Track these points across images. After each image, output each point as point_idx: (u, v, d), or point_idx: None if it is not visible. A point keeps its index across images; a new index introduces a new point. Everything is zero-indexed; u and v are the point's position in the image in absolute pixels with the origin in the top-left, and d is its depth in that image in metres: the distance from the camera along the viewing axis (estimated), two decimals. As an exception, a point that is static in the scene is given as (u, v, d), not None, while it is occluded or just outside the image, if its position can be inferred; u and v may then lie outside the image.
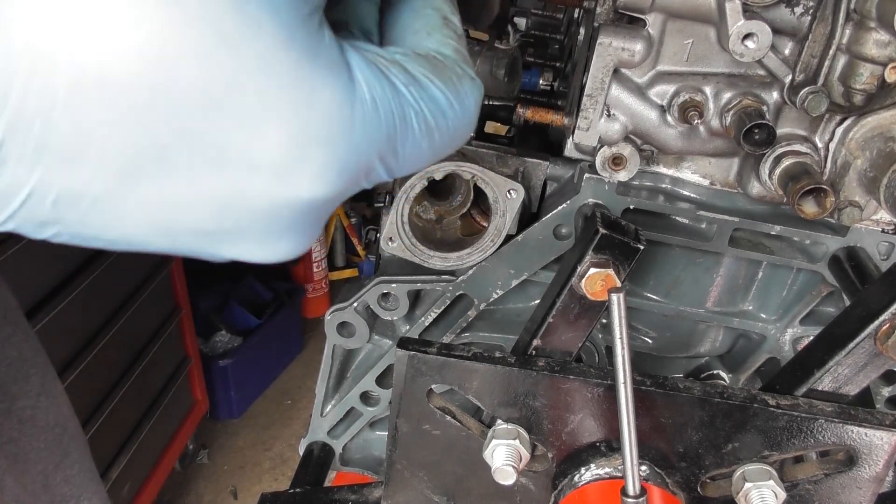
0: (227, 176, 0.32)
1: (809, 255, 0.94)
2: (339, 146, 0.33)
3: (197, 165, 0.31)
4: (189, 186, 0.32)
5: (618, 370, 0.69)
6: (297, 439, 1.26)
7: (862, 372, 0.77)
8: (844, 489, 0.79)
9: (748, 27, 0.75)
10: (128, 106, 0.29)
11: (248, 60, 0.30)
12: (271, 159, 0.32)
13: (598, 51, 0.83)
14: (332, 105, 0.33)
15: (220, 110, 0.30)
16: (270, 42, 0.30)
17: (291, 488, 1.08)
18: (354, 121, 0.34)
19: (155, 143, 0.30)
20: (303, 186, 0.33)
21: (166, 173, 0.31)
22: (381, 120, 0.35)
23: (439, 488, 0.86)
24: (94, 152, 0.29)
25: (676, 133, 0.87)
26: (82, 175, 0.30)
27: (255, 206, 0.33)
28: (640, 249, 0.75)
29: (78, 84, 0.28)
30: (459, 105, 0.39)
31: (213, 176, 0.32)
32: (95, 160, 0.30)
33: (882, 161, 0.82)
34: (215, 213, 0.33)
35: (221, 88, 0.30)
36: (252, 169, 0.32)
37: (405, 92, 0.36)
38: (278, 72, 0.31)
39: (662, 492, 0.78)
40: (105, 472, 2.34)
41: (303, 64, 0.31)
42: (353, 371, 1.16)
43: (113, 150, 0.30)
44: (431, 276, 1.00)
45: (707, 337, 1.10)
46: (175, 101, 0.29)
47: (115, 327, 2.28)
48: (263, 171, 0.32)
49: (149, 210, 0.32)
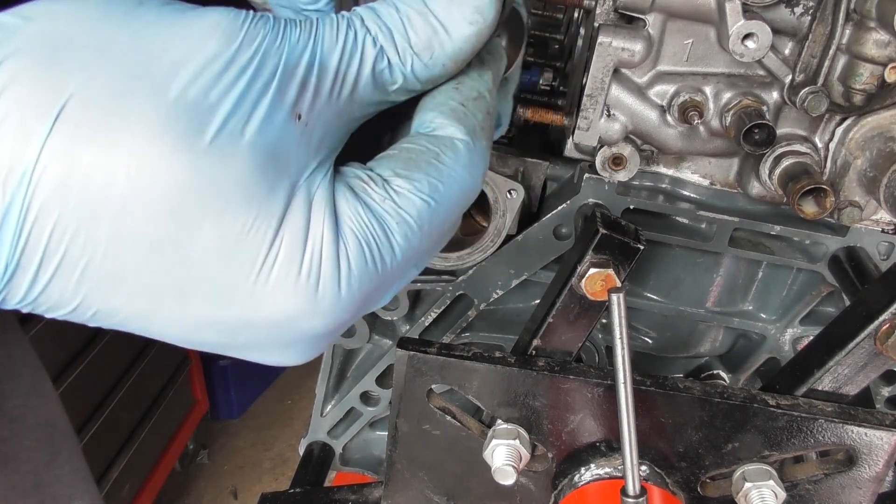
0: (236, 309, 0.38)
1: (809, 255, 0.94)
2: (330, 287, 0.39)
3: (210, 301, 0.38)
4: (204, 314, 0.38)
5: (618, 370, 0.69)
6: (297, 439, 1.26)
7: (862, 372, 0.77)
8: (844, 489, 0.79)
9: (748, 27, 0.75)
10: (153, 254, 0.36)
11: (253, 219, 0.37)
12: (275, 300, 0.38)
13: (598, 51, 0.83)
14: (322, 253, 0.38)
15: (230, 260, 0.37)
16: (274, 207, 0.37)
17: (291, 488, 1.08)
18: (341, 262, 0.39)
19: (175, 283, 0.37)
20: (301, 322, 0.39)
21: (186, 304, 0.38)
22: (364, 250, 0.40)
23: (439, 488, 0.86)
24: (126, 287, 0.36)
25: (676, 133, 0.87)
26: (115, 302, 0.37)
27: (263, 331, 0.40)
28: (640, 249, 0.75)
29: (114, 236, 0.35)
30: (446, 184, 0.42)
31: (225, 308, 0.38)
32: (125, 294, 0.37)
33: (882, 161, 0.82)
34: (227, 334, 0.40)
35: (231, 242, 0.36)
36: (258, 308, 0.38)
37: (382, 211, 0.41)
38: (279, 233, 0.37)
39: (662, 492, 0.78)
40: (105, 472, 2.33)
41: (299, 223, 0.38)
42: (353, 371, 1.16)
43: (141, 286, 0.37)
44: (431, 276, 1.00)
45: (707, 337, 1.10)
46: (191, 252, 0.36)
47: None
48: (266, 307, 0.38)
49: (172, 326, 0.39)
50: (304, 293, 0.38)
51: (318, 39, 0.39)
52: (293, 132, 0.38)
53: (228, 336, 0.40)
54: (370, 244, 0.40)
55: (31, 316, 0.82)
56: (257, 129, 0.36)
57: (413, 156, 0.43)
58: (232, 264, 0.37)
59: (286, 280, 0.38)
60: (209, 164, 0.35)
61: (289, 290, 0.38)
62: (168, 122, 0.34)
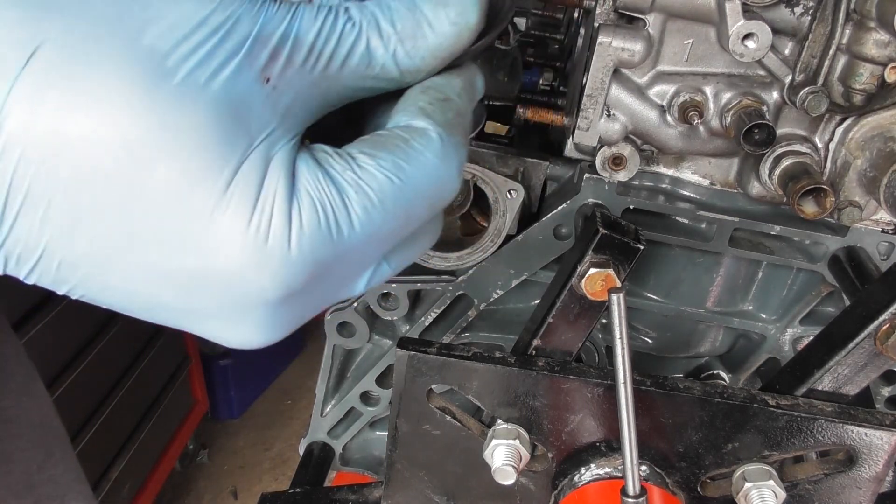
0: (190, 259, 0.39)
1: (809, 255, 0.94)
2: (279, 244, 0.39)
3: (165, 247, 0.38)
4: (158, 264, 0.39)
5: (618, 370, 0.69)
6: (297, 439, 1.26)
7: (862, 372, 0.77)
8: (844, 489, 0.79)
9: (748, 27, 0.75)
10: (111, 194, 0.36)
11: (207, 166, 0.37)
12: (225, 250, 0.38)
13: (598, 51, 0.83)
14: (273, 208, 0.39)
15: (182, 204, 0.37)
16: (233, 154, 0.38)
17: (291, 488, 1.08)
18: (293, 220, 0.39)
19: (130, 226, 0.37)
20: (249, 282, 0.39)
21: (141, 253, 0.38)
22: (318, 213, 0.40)
23: (439, 488, 0.86)
24: (85, 229, 0.37)
25: (676, 133, 0.87)
26: (77, 246, 0.38)
27: (215, 292, 0.40)
28: (640, 249, 0.75)
29: (75, 174, 0.36)
30: (411, 165, 0.43)
31: (178, 258, 0.39)
32: (86, 236, 0.37)
33: (882, 161, 0.82)
34: (182, 291, 0.40)
35: (185, 186, 0.37)
36: (209, 257, 0.38)
37: (341, 179, 0.41)
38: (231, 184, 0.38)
39: (662, 492, 0.78)
40: (105, 472, 2.33)
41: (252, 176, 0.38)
42: (353, 371, 1.16)
43: (99, 229, 0.37)
44: (431, 276, 1.00)
45: (707, 337, 1.10)
46: (146, 194, 0.37)
47: (116, 327, 2.28)
48: (218, 260, 0.38)
49: (130, 282, 0.39)
50: (253, 245, 0.39)
51: (296, 17, 0.40)
52: (259, 93, 0.39)
53: (182, 295, 0.40)
54: (325, 207, 0.40)
55: (30, 317, 0.81)
56: (222, 83, 0.38)
57: (381, 139, 0.44)
58: (184, 209, 0.37)
59: (236, 229, 0.38)
60: (169, 106, 0.36)
61: (237, 240, 0.38)
62: (133, 66, 0.35)
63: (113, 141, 0.36)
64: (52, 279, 0.39)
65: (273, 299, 0.41)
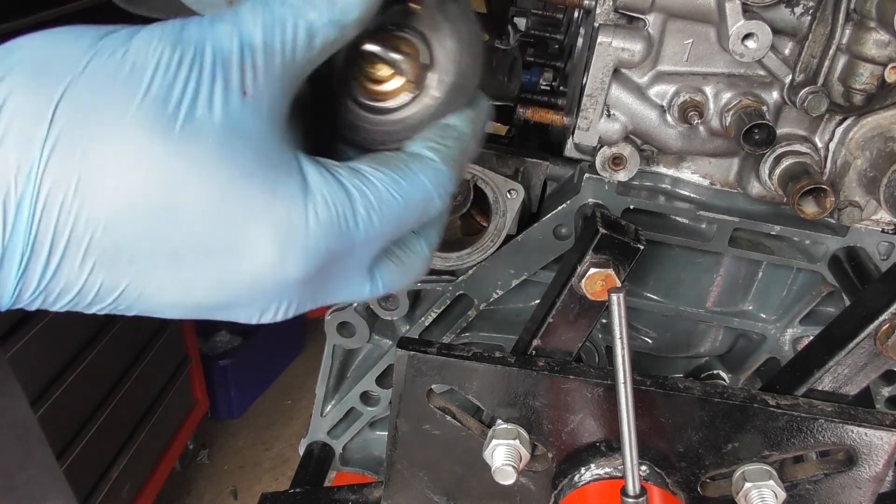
0: (222, 266, 0.44)
1: (809, 255, 0.94)
2: (301, 231, 0.45)
3: (200, 260, 0.44)
4: (195, 272, 0.44)
5: (618, 370, 0.69)
6: (297, 439, 1.26)
7: (862, 372, 0.77)
8: (844, 489, 0.79)
9: (748, 27, 0.75)
10: (148, 221, 0.42)
11: (227, 184, 0.43)
12: (256, 251, 0.44)
13: (598, 51, 0.83)
14: (293, 204, 0.45)
15: (212, 221, 0.43)
16: (244, 171, 0.43)
17: (291, 488, 1.08)
18: (309, 213, 0.45)
19: (169, 247, 0.43)
20: (276, 268, 0.45)
21: (178, 268, 0.44)
22: (329, 207, 0.46)
23: (439, 488, 0.86)
24: (125, 258, 0.42)
25: (676, 133, 0.87)
26: (117, 274, 0.43)
27: (243, 285, 0.46)
28: (640, 249, 0.75)
29: (114, 213, 0.41)
30: (408, 182, 0.50)
31: (212, 267, 0.44)
32: (126, 263, 0.42)
33: (882, 161, 0.82)
34: (215, 293, 0.46)
35: (212, 206, 0.43)
36: (243, 259, 0.44)
37: (347, 183, 0.47)
38: (252, 191, 0.44)
39: (662, 492, 0.78)
40: (105, 472, 2.33)
41: (270, 179, 0.44)
42: (353, 371, 1.16)
43: (139, 255, 0.42)
44: (431, 276, 1.00)
45: (707, 337, 1.10)
46: (180, 219, 0.42)
47: (116, 327, 2.28)
48: (245, 260, 0.44)
49: (165, 292, 0.45)
50: (280, 241, 0.45)
51: (239, 23, 0.44)
52: (246, 107, 0.44)
53: (216, 293, 0.46)
54: (335, 205, 0.46)
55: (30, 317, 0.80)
56: (215, 111, 0.43)
57: (386, 158, 0.51)
58: (215, 222, 0.43)
59: (263, 232, 0.44)
60: (183, 145, 0.41)
61: (266, 240, 0.44)
62: (141, 117, 0.41)
63: (142, 181, 0.41)
64: (86, 304, 0.44)
65: (293, 283, 0.47)
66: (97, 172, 0.40)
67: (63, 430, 2.11)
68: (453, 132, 0.54)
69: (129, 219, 0.41)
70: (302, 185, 0.46)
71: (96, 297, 0.43)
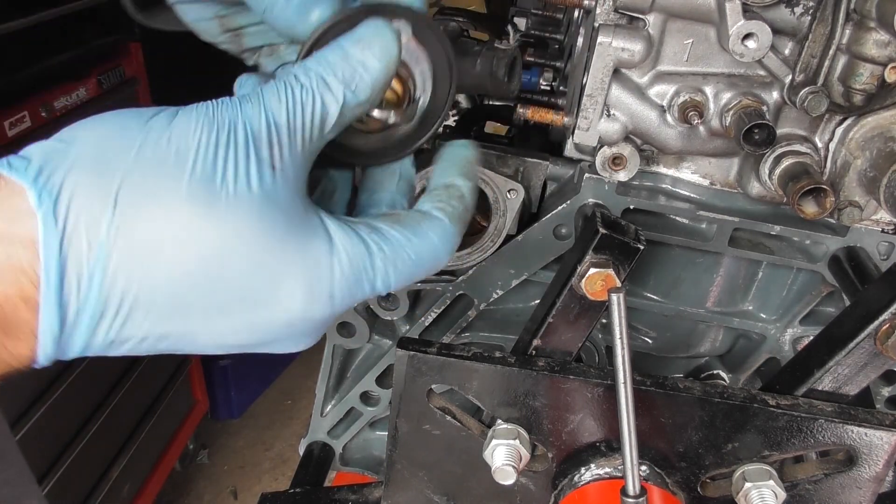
0: (261, 313, 0.51)
1: (809, 255, 0.94)
2: (328, 283, 0.52)
3: (244, 310, 0.51)
4: (241, 321, 0.51)
5: (618, 370, 0.69)
6: (297, 439, 1.26)
7: (862, 372, 0.77)
8: (844, 489, 0.79)
9: (748, 27, 0.75)
10: (201, 282, 0.48)
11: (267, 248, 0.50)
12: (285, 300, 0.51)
13: (598, 51, 0.83)
14: (321, 260, 0.52)
15: (254, 277, 0.50)
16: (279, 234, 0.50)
17: (291, 488, 1.08)
18: (334, 266, 0.52)
19: (218, 301, 0.50)
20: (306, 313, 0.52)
21: (227, 315, 0.50)
22: (351, 261, 0.53)
23: (439, 488, 0.86)
24: (180, 312, 0.49)
25: (676, 133, 0.87)
26: (172, 324, 0.49)
27: (279, 328, 0.52)
28: (640, 249, 0.75)
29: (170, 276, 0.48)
30: (419, 239, 0.56)
31: (253, 314, 0.51)
32: (181, 317, 0.49)
33: (882, 161, 0.82)
34: (255, 335, 0.52)
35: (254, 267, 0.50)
36: (275, 307, 0.51)
37: (367, 239, 0.54)
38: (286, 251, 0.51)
39: (662, 492, 0.78)
40: (105, 472, 2.34)
41: (300, 240, 0.51)
42: (353, 371, 1.16)
43: (193, 309, 0.49)
44: (431, 276, 1.00)
45: (707, 337, 1.10)
46: (227, 278, 0.49)
47: (115, 327, 2.28)
48: (281, 307, 0.51)
49: (212, 337, 0.51)
50: (308, 294, 0.52)
51: (265, 105, 0.51)
52: (276, 179, 0.50)
53: (257, 336, 0.52)
54: (357, 257, 0.53)
55: None
56: (252, 184, 0.49)
57: (398, 217, 0.57)
58: (257, 280, 0.50)
59: (296, 287, 0.51)
60: (227, 218, 0.48)
61: (299, 293, 0.51)
62: (189, 194, 0.47)
63: (193, 248, 0.48)
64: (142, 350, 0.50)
65: (320, 323, 0.54)
66: (157, 244, 0.47)
67: (63, 429, 2.12)
68: (457, 192, 0.60)
69: (186, 281, 0.48)
70: (328, 242, 0.52)
71: (151, 345, 0.50)
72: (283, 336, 0.54)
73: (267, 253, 0.50)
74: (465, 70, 0.90)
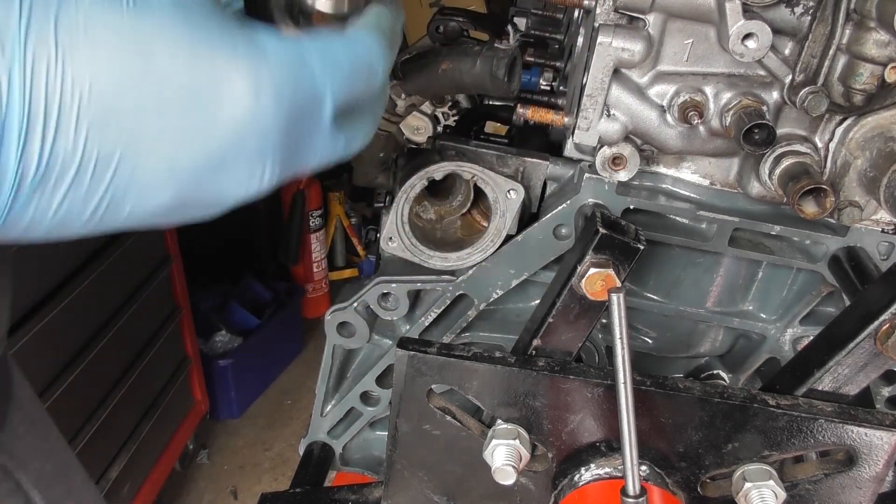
0: (204, 113, 0.48)
1: (809, 255, 0.94)
2: (267, 79, 0.49)
3: (183, 112, 0.47)
4: (181, 129, 0.47)
5: (618, 370, 0.69)
6: (297, 439, 1.26)
7: (862, 372, 0.77)
8: (844, 489, 0.79)
9: (748, 27, 0.75)
10: (128, 83, 0.45)
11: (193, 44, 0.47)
12: (227, 94, 0.48)
13: (598, 51, 0.83)
14: (255, 58, 0.49)
15: (187, 73, 0.47)
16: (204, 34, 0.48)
17: (291, 488, 1.08)
18: (272, 63, 0.49)
19: (150, 103, 0.46)
20: (253, 112, 0.49)
21: (164, 124, 0.47)
22: (290, 61, 0.51)
23: (439, 488, 0.86)
24: (114, 122, 0.45)
25: (676, 133, 0.87)
26: (110, 140, 0.45)
27: (228, 135, 0.49)
28: (640, 249, 0.75)
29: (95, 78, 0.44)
30: (354, 46, 0.55)
31: (195, 117, 0.47)
32: (116, 127, 0.45)
33: (882, 161, 0.82)
34: (204, 146, 0.49)
35: (184, 60, 0.47)
36: (217, 103, 0.48)
37: (297, 39, 0.52)
38: (216, 47, 0.48)
39: (662, 492, 0.78)
40: (105, 472, 2.33)
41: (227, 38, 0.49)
42: (353, 371, 1.16)
43: (126, 116, 0.45)
44: (431, 276, 1.00)
45: (707, 337, 1.10)
46: (156, 76, 0.46)
47: (116, 327, 2.28)
48: (224, 103, 0.48)
49: (159, 157, 0.47)
50: (251, 84, 0.49)
51: None
52: None
53: (206, 148, 0.49)
54: (293, 59, 0.51)
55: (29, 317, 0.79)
56: None
57: (328, 31, 0.56)
58: (188, 74, 0.47)
59: (234, 77, 0.48)
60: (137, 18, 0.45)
61: (238, 84, 0.48)
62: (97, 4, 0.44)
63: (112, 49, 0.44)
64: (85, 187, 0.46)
65: (271, 133, 0.51)
66: (71, 42, 0.43)
67: (63, 429, 2.11)
68: (385, 14, 0.60)
69: (110, 81, 0.44)
70: (261, 43, 0.50)
71: (94, 175, 0.45)
72: (233, 150, 0.50)
73: (194, 49, 0.47)
74: (465, 70, 0.90)
